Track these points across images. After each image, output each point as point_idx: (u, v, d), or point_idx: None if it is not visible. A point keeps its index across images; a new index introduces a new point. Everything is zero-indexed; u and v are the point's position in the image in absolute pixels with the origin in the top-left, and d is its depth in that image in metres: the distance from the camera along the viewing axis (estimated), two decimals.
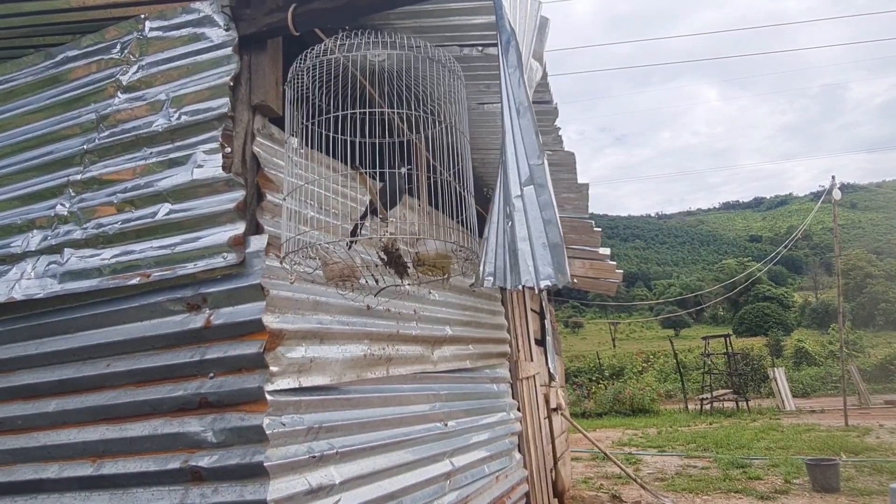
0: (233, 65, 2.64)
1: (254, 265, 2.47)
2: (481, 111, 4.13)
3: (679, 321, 54.56)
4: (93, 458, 2.55)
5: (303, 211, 2.45)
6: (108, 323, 2.67)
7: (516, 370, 5.62)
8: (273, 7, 2.71)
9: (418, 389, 3.66)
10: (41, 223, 2.87)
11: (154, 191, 2.66)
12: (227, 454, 2.32)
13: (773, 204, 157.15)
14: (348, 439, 2.82)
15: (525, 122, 1.93)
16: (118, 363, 2.61)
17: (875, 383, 24.62)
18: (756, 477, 9.07)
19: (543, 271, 1.88)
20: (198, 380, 2.46)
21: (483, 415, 4.58)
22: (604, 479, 9.45)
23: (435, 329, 3.94)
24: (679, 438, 14.26)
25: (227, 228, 2.52)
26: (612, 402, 21.94)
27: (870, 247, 64.90)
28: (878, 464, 9.42)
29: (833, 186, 17.03)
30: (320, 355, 2.71)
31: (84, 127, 2.89)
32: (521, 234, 1.94)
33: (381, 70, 2.63)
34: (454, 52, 3.41)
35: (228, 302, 2.48)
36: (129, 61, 2.86)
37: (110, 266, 2.65)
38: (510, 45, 2.00)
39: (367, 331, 3.10)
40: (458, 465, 3.89)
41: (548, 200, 1.87)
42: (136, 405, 2.52)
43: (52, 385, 2.72)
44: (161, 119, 2.72)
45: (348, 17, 2.77)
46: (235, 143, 2.61)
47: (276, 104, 2.70)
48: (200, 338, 2.50)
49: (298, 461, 2.45)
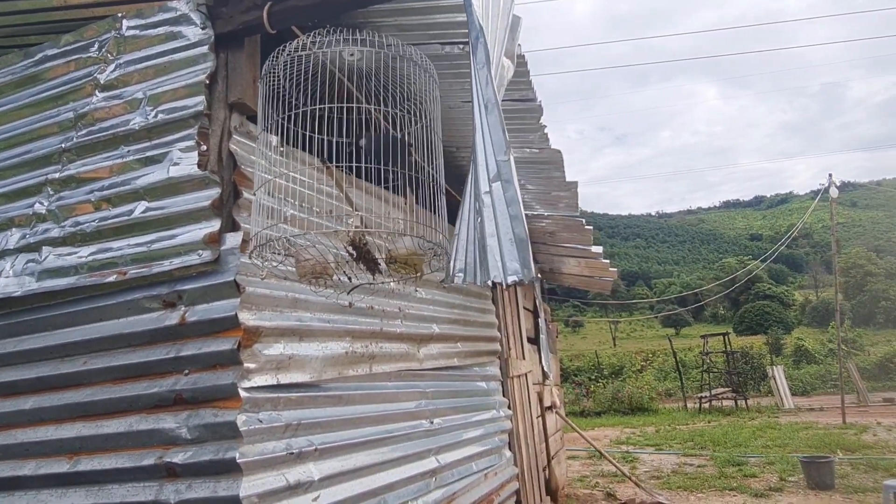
0: (209, 63, 2.64)
1: (229, 262, 2.47)
2: (465, 109, 4.12)
3: (679, 320, 54.53)
4: (69, 455, 2.55)
5: (281, 208, 2.45)
6: (85, 320, 2.67)
7: (507, 368, 5.61)
8: (249, 5, 2.71)
9: (403, 387, 3.66)
10: (20, 221, 2.88)
11: (131, 189, 2.66)
12: (200, 450, 2.31)
13: (774, 202, 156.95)
14: (329, 436, 2.82)
15: (493, 119, 1.93)
16: (95, 360, 2.61)
17: (874, 381, 24.66)
18: (751, 475, 9.08)
19: (510, 266, 1.88)
20: (173, 376, 2.46)
21: (471, 412, 4.58)
22: (600, 478, 9.46)
23: (421, 327, 3.94)
24: (677, 437, 14.28)
25: (202, 226, 2.52)
26: (611, 400, 21.99)
27: (870, 245, 64.83)
28: (874, 461, 9.42)
29: (830, 184, 17.05)
30: (299, 352, 2.71)
31: (62, 125, 2.89)
32: (490, 229, 1.94)
33: (358, 68, 2.63)
34: (436, 49, 3.40)
35: (203, 299, 2.48)
36: (107, 60, 2.86)
37: (87, 264, 2.65)
38: (479, 42, 2.00)
39: (349, 328, 3.10)
40: (444, 462, 3.89)
41: (513, 196, 1.88)
42: (112, 402, 2.52)
43: (29, 382, 2.72)
44: (138, 117, 2.72)
45: (325, 15, 2.77)
46: (212, 140, 2.62)
47: (253, 102, 2.70)
48: (176, 335, 2.50)
49: (276, 458, 2.44)
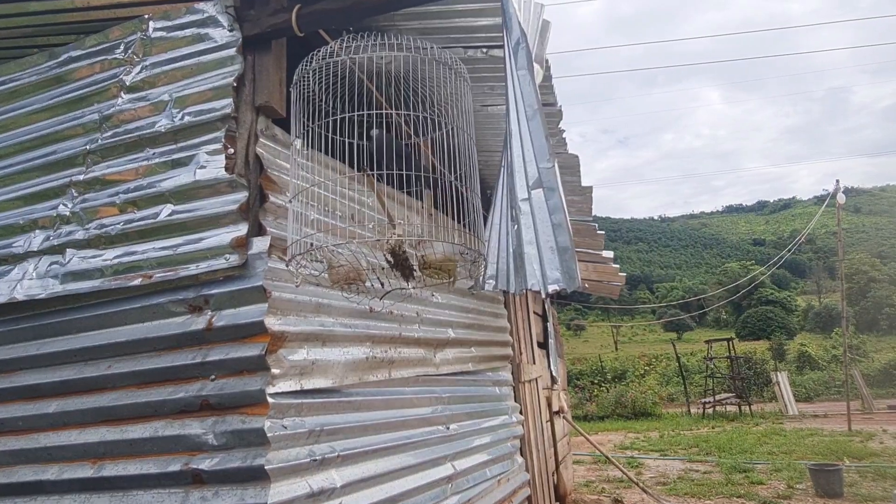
0: (236, 66, 2.63)
1: (256, 267, 2.45)
2: (486, 113, 4.11)
3: (681, 324, 54.43)
4: (93, 460, 2.53)
5: (306, 213, 2.44)
6: (109, 324, 2.66)
7: (518, 373, 5.60)
8: (277, 8, 2.70)
9: (420, 392, 3.64)
10: (44, 223, 2.86)
11: (157, 191, 2.65)
12: (227, 457, 2.30)
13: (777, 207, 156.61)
14: (350, 442, 2.80)
15: (535, 126, 1.92)
16: (120, 364, 2.60)
17: (878, 388, 24.57)
18: (759, 482, 9.03)
19: (551, 275, 1.86)
20: (199, 382, 2.44)
21: (485, 418, 4.56)
22: (605, 483, 9.42)
23: (437, 331, 3.92)
24: (681, 442, 14.23)
25: (229, 230, 2.51)
26: (615, 405, 21.93)
27: (873, 251, 64.66)
28: (882, 469, 9.36)
29: (837, 190, 17.00)
30: (322, 358, 2.69)
31: (87, 127, 2.88)
32: (528, 237, 1.92)
33: (387, 72, 2.61)
34: (459, 53, 3.39)
35: (230, 304, 2.47)
36: (133, 61, 2.85)
37: (112, 267, 2.64)
38: (520, 47, 1.98)
39: (370, 333, 3.08)
40: (459, 468, 3.87)
41: (557, 204, 1.85)
42: (137, 407, 2.51)
43: (53, 386, 2.70)
44: (164, 119, 2.71)
45: (353, 18, 2.75)
46: (238, 144, 2.60)
47: (279, 105, 2.69)
48: (202, 340, 2.48)
49: (300, 464, 2.43)
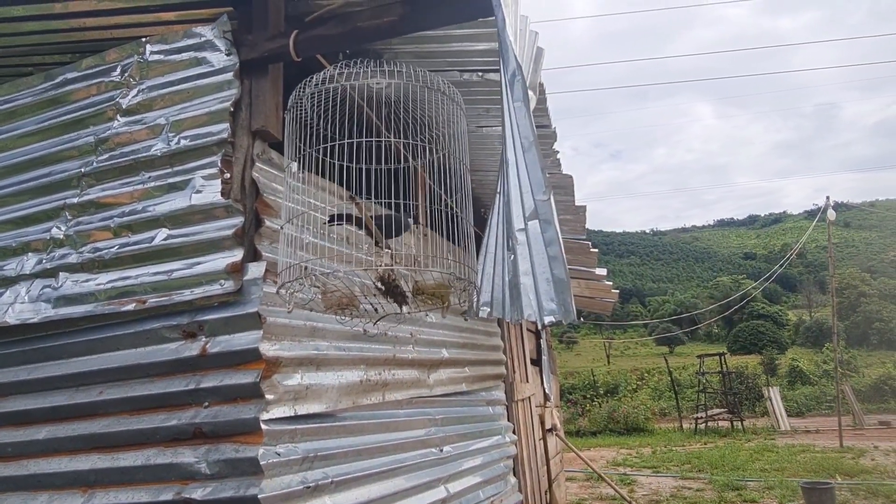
0: (234, 90, 2.63)
1: (251, 293, 2.44)
2: (480, 134, 4.13)
3: (673, 338, 54.51)
4: (84, 488, 2.49)
5: (300, 236, 2.43)
6: (102, 349, 2.63)
7: (512, 392, 5.58)
8: (275, 33, 2.71)
9: (414, 414, 3.62)
10: (36, 246, 2.84)
11: (151, 216, 2.64)
12: (220, 486, 2.27)
13: (768, 221, 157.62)
14: (343, 467, 2.78)
15: (531, 158, 1.92)
16: (112, 390, 2.57)
17: (869, 403, 24.67)
18: (751, 500, 9.02)
19: (547, 307, 1.86)
20: (192, 409, 2.42)
21: (478, 439, 4.53)
22: (598, 501, 9.39)
23: (431, 352, 3.91)
24: (674, 458, 14.21)
25: (224, 255, 2.50)
26: (607, 420, 21.91)
27: (863, 265, 65.12)
28: (874, 487, 9.38)
29: (828, 206, 17.16)
30: (316, 382, 2.67)
31: (82, 150, 2.87)
32: (524, 268, 1.92)
33: (382, 97, 2.62)
34: (454, 77, 3.41)
35: (225, 330, 2.45)
36: (130, 84, 2.84)
37: (105, 291, 2.62)
38: (515, 80, 1.99)
39: (364, 356, 3.07)
40: (453, 491, 3.84)
41: (553, 237, 1.86)
42: (129, 434, 2.48)
43: (43, 412, 2.67)
44: (160, 143, 2.70)
45: (350, 44, 2.77)
46: (235, 168, 2.60)
47: (276, 129, 2.69)
48: (196, 366, 2.46)
49: (293, 492, 2.40)
